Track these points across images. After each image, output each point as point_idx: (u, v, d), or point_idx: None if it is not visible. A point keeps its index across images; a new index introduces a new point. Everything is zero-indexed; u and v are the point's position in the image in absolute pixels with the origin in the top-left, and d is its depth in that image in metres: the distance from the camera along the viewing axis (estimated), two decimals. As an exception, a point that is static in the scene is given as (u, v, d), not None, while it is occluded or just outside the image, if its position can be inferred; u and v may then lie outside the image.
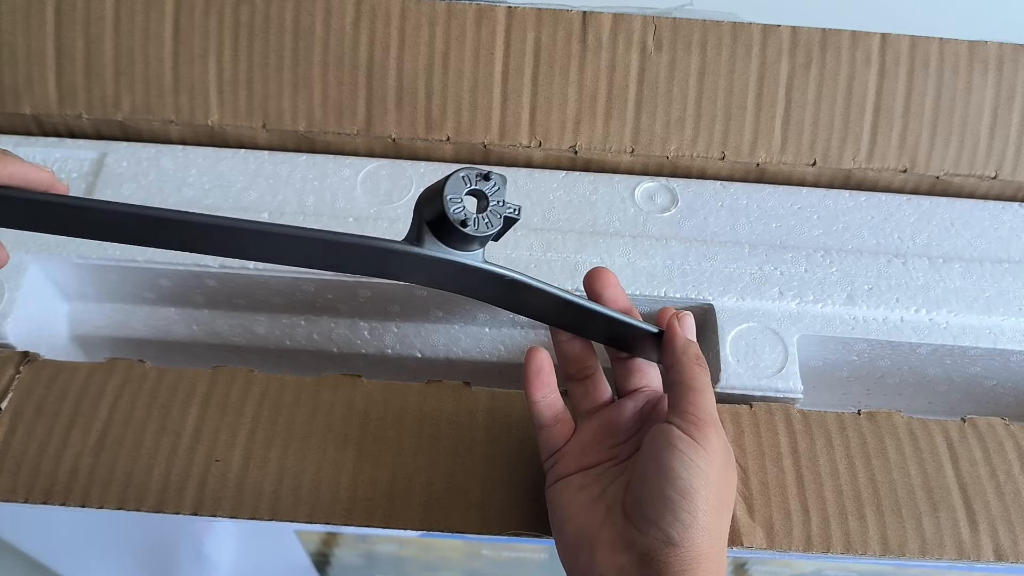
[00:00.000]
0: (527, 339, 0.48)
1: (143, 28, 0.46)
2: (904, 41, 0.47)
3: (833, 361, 0.46)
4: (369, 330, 0.48)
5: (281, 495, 0.37)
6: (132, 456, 0.38)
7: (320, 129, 0.47)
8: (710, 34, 0.46)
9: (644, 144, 0.47)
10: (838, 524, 0.37)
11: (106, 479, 0.37)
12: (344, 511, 0.36)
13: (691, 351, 0.34)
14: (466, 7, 0.46)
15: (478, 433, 0.39)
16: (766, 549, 0.36)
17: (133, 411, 0.39)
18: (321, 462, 0.38)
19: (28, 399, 0.39)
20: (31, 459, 0.37)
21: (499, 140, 0.47)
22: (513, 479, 0.38)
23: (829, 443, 0.39)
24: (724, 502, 0.32)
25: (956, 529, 0.37)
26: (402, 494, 0.37)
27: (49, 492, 0.36)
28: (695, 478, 0.30)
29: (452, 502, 0.37)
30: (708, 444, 0.31)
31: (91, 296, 0.47)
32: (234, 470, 0.37)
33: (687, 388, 0.33)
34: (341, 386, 0.40)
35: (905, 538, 0.37)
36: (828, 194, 0.49)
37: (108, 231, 0.31)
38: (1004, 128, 0.47)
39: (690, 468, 0.30)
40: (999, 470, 0.39)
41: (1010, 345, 0.44)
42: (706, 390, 0.33)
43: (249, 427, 0.38)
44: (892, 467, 0.39)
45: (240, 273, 0.44)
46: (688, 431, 0.31)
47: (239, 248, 0.31)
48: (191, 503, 0.36)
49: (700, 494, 0.30)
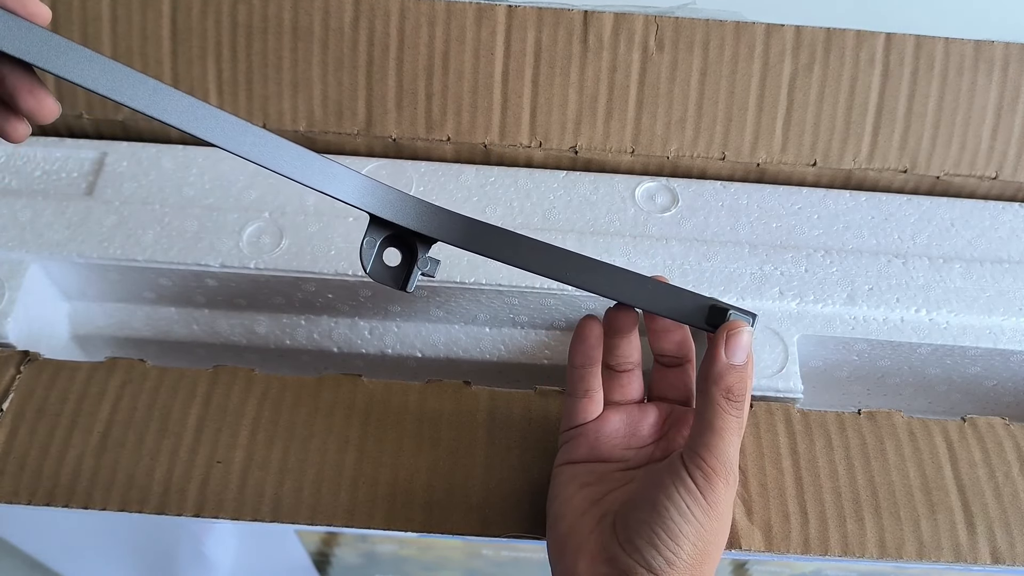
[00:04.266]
0: (527, 339, 0.48)
1: (140, 28, 0.46)
2: (909, 41, 0.47)
3: (833, 361, 0.46)
4: (369, 330, 0.48)
5: (282, 497, 0.37)
6: (134, 458, 0.38)
7: (320, 129, 0.47)
8: (712, 34, 0.46)
9: (644, 144, 0.47)
10: (836, 527, 0.37)
11: (108, 481, 0.37)
12: (345, 513, 0.37)
13: (725, 382, 0.31)
14: (466, 6, 0.46)
15: (478, 432, 0.39)
16: (764, 551, 0.36)
17: (134, 412, 0.39)
18: (322, 464, 0.38)
19: (29, 400, 0.39)
20: (33, 461, 0.37)
21: (499, 140, 0.47)
22: (513, 481, 0.38)
23: (828, 444, 0.39)
24: (714, 547, 0.31)
25: (954, 532, 0.37)
26: (403, 496, 0.37)
27: (52, 494, 0.37)
28: (687, 525, 0.30)
29: (452, 504, 0.37)
30: (712, 496, 0.30)
31: (91, 296, 0.47)
32: (235, 472, 0.37)
33: (707, 427, 0.31)
34: (342, 386, 0.40)
35: (903, 540, 0.37)
36: (828, 194, 0.49)
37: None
38: (1007, 129, 0.47)
39: (685, 516, 0.30)
40: (998, 471, 0.39)
41: (1010, 345, 0.44)
42: (726, 433, 0.31)
43: (250, 428, 0.39)
44: (891, 468, 0.39)
45: (240, 273, 0.44)
46: (695, 478, 0.30)
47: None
48: (193, 505, 0.37)
49: (688, 540, 0.30)
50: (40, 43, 0.28)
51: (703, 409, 0.31)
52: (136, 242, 0.44)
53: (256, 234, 0.45)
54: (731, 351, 0.31)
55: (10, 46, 0.27)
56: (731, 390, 0.31)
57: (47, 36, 0.28)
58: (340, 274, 0.44)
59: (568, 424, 0.36)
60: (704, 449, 0.31)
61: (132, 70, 0.28)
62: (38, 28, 0.28)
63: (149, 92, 0.29)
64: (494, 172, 0.48)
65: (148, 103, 0.29)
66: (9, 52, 0.27)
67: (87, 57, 0.28)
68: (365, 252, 0.33)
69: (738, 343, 0.31)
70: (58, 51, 0.28)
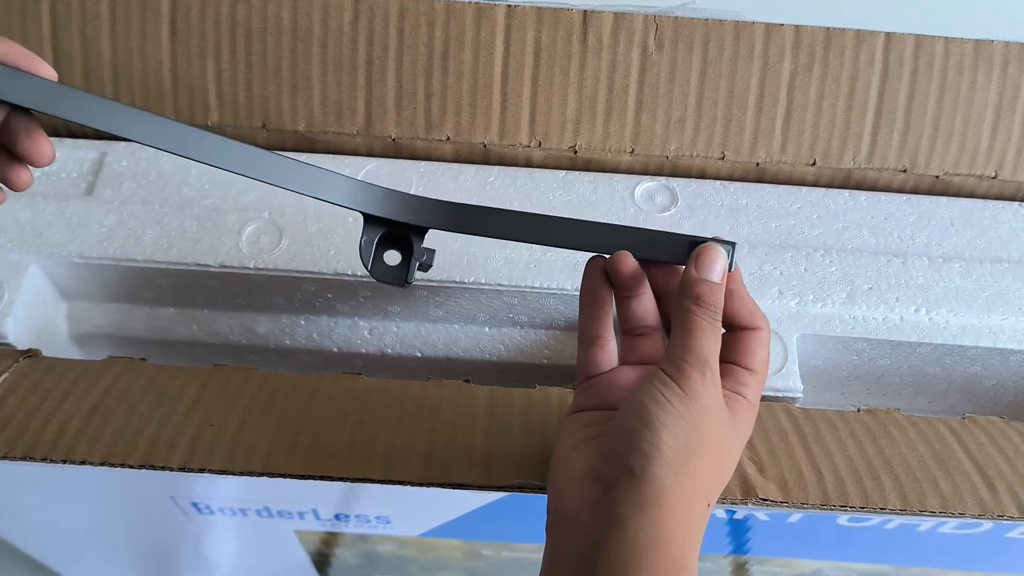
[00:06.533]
0: (527, 338, 0.48)
1: (139, 29, 0.46)
2: (909, 40, 0.47)
3: (833, 360, 0.47)
4: (369, 330, 0.48)
5: (275, 451, 0.36)
6: (123, 421, 0.36)
7: (320, 129, 0.47)
8: (712, 33, 0.46)
9: (644, 144, 0.47)
10: (853, 483, 0.36)
11: (93, 437, 0.36)
12: (341, 465, 0.35)
13: (693, 291, 0.32)
14: (465, 6, 0.46)
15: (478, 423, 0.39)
16: (782, 502, 0.35)
17: (129, 391, 0.38)
18: (318, 429, 0.37)
19: (24, 380, 0.38)
20: (18, 422, 0.36)
21: (499, 140, 0.47)
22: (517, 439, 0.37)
23: (833, 427, 0.39)
24: (706, 452, 0.30)
25: (975, 490, 0.36)
26: (401, 453, 0.36)
27: (32, 448, 0.35)
28: (661, 411, 0.29)
29: (453, 459, 0.36)
30: (687, 384, 0.30)
31: (91, 296, 0.47)
32: (228, 432, 0.36)
33: (679, 331, 0.31)
34: (341, 382, 0.40)
35: (924, 495, 0.36)
36: (828, 194, 0.49)
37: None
38: (1006, 128, 0.47)
39: (659, 402, 0.29)
40: (1007, 448, 0.38)
41: (1010, 345, 0.44)
42: (697, 332, 0.31)
43: (247, 402, 0.38)
44: (899, 444, 0.38)
45: (240, 272, 0.44)
46: (668, 371, 0.30)
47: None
48: (180, 458, 0.35)
49: (666, 428, 0.29)
50: (45, 93, 0.31)
51: (676, 320, 0.32)
52: (136, 242, 0.44)
53: (255, 234, 0.45)
54: (700, 267, 0.32)
55: (17, 97, 0.31)
56: (701, 297, 0.31)
57: (52, 86, 0.31)
58: (339, 274, 0.44)
59: (582, 376, 0.36)
60: (677, 347, 0.31)
61: (124, 106, 0.32)
62: (41, 79, 0.31)
63: (144, 124, 0.33)
64: (494, 172, 0.48)
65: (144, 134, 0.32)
66: (16, 102, 0.31)
67: (85, 99, 0.32)
68: (364, 250, 0.35)
69: (707, 259, 0.32)
70: (60, 97, 0.31)
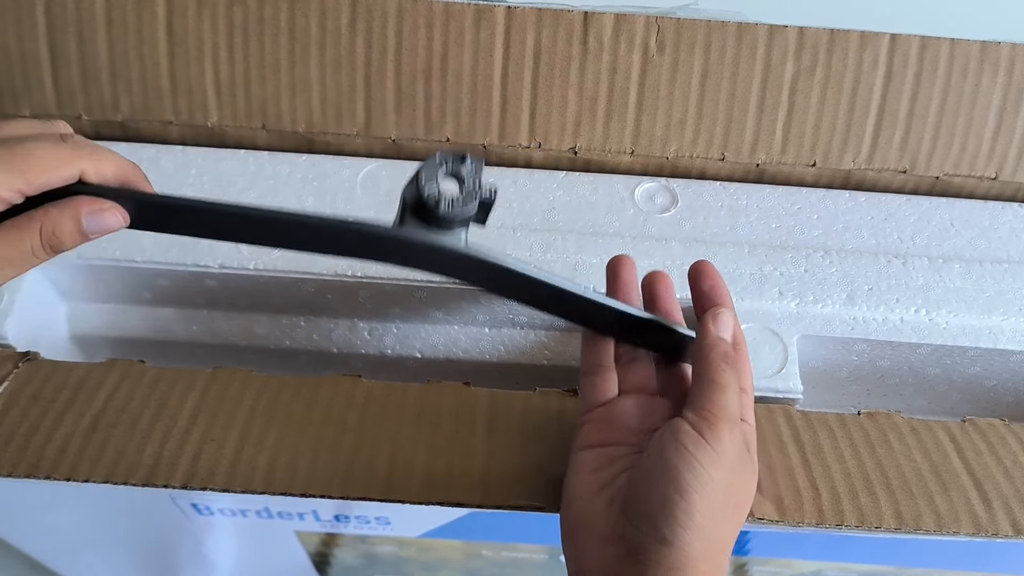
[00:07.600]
0: (527, 339, 0.48)
1: (136, 30, 0.46)
2: (914, 42, 0.46)
3: (833, 361, 0.46)
4: (369, 331, 0.48)
5: (276, 470, 0.36)
6: (125, 437, 0.36)
7: (319, 130, 0.47)
8: (714, 35, 0.46)
9: (644, 145, 0.47)
10: (849, 500, 0.36)
11: (96, 456, 0.36)
12: (341, 485, 0.36)
13: (719, 348, 0.32)
14: (464, 7, 0.46)
15: (478, 428, 0.39)
16: (777, 521, 0.35)
17: (130, 400, 0.38)
18: (318, 444, 0.37)
19: (24, 388, 0.38)
20: (20, 437, 0.36)
21: (499, 141, 0.47)
22: (515, 459, 0.37)
23: (832, 435, 0.39)
24: (731, 507, 0.30)
25: (970, 506, 0.36)
26: (401, 471, 0.36)
27: (35, 467, 0.35)
28: (693, 477, 0.29)
29: (451, 479, 0.36)
30: (717, 443, 0.29)
31: (90, 296, 0.47)
32: (229, 448, 0.36)
33: (707, 383, 0.31)
34: (341, 384, 0.40)
35: (919, 513, 0.36)
36: (828, 194, 0.49)
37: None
38: (1008, 130, 0.47)
39: (691, 467, 0.29)
40: (1005, 459, 0.38)
41: (1010, 345, 0.44)
42: (728, 388, 0.31)
43: (247, 415, 0.38)
44: (897, 455, 0.38)
45: (240, 273, 0.44)
46: (698, 427, 0.30)
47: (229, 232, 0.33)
48: (182, 477, 0.35)
49: (699, 494, 0.29)
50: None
51: (701, 371, 0.32)
52: (135, 243, 0.44)
53: (255, 235, 0.45)
54: (719, 326, 0.33)
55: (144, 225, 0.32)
56: (726, 354, 0.32)
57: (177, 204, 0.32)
58: (339, 275, 0.44)
59: (584, 407, 0.36)
60: (706, 400, 0.31)
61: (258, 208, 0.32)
62: (162, 198, 0.32)
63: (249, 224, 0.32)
64: (494, 173, 0.48)
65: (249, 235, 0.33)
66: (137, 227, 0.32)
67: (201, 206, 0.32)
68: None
69: (723, 320, 0.34)
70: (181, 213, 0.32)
